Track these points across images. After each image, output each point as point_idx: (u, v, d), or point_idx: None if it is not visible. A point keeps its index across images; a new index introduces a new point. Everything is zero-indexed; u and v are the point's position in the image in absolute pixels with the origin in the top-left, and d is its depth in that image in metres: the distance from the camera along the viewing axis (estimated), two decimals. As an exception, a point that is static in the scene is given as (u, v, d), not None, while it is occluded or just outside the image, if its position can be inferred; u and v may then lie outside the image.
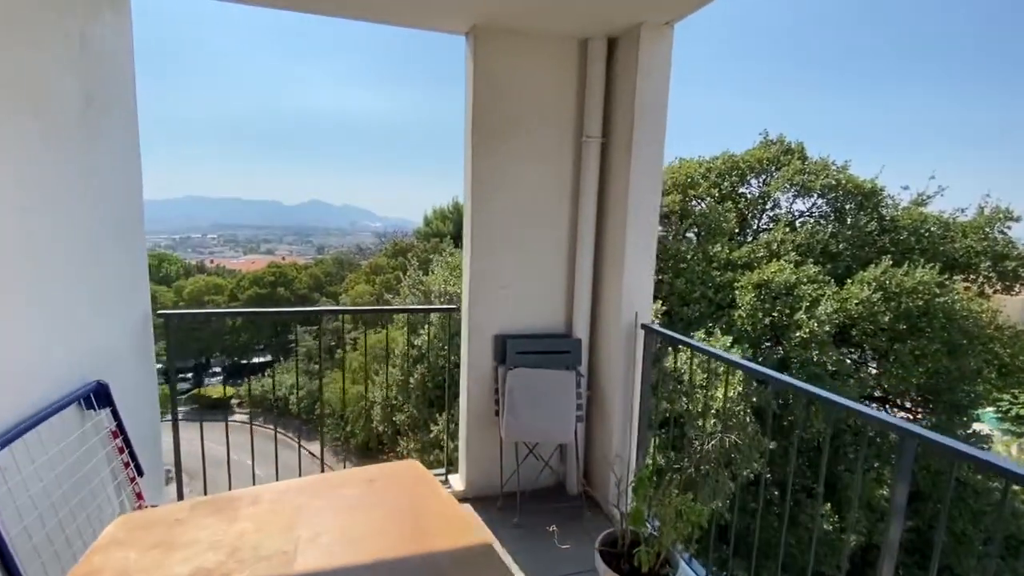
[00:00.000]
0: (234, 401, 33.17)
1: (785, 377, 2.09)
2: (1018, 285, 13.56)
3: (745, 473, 8.86)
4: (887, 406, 14.52)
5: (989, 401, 15.68)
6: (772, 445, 9.32)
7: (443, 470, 3.39)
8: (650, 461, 3.08)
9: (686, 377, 9.30)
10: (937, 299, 10.65)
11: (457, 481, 3.34)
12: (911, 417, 13.70)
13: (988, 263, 12.92)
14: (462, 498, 3.24)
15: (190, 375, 36.99)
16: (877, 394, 13.81)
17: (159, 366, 2.94)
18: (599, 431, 3.23)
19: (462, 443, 3.31)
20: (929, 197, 14.14)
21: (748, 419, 8.94)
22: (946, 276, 11.60)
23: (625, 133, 2.89)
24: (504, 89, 2.98)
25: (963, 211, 13.66)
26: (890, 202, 13.97)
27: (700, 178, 15.23)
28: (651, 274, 3.03)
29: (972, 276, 13.10)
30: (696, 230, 15.17)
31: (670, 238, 14.23)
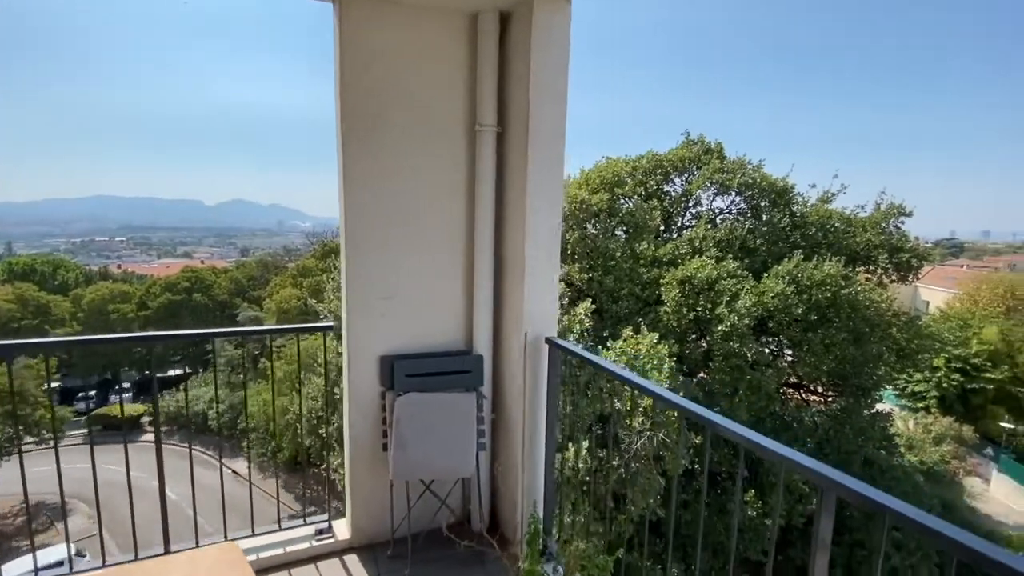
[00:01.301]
0: (145, 419, 30.21)
1: (684, 401, 1.80)
2: (911, 275, 14.84)
3: (674, 467, 8.93)
4: (802, 391, 15.46)
5: (889, 382, 17.14)
6: (698, 440, 9.47)
7: (324, 517, 2.88)
8: (546, 510, 2.75)
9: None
10: (843, 291, 11.33)
11: (342, 528, 2.86)
12: (823, 401, 14.64)
13: (885, 255, 14.01)
14: (348, 548, 2.76)
15: (92, 393, 33.24)
16: (793, 380, 14.63)
17: (55, 385, 2.22)
18: (505, 458, 2.87)
19: (347, 483, 2.83)
20: (834, 195, 15.14)
21: (674, 415, 9.01)
22: (850, 269, 12.41)
23: (522, 122, 2.54)
24: (379, 69, 2.53)
25: (863, 207, 14.73)
26: (800, 199, 14.82)
27: (627, 176, 15.43)
28: (555, 281, 2.70)
29: (872, 268, 14.16)
30: (624, 228, 15.37)
31: (599, 236, 14.29)
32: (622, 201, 15.32)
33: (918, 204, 14.74)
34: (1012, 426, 23.23)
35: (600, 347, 10.49)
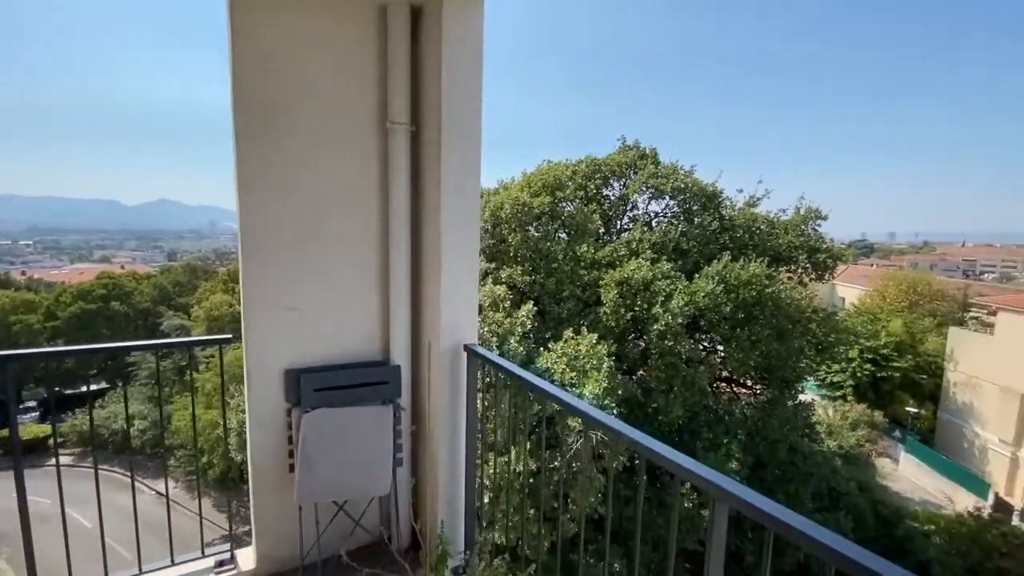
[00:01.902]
0: (60, 439, 27.36)
1: (590, 409, 1.77)
2: (828, 274, 16.02)
3: (614, 465, 9.12)
4: (733, 385, 16.28)
5: (811, 373, 18.40)
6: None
7: (226, 547, 2.64)
8: (467, 524, 2.66)
9: (555, 377, 9.33)
10: (767, 290, 12.02)
11: (248, 557, 2.63)
12: (752, 394, 15.48)
13: (805, 256, 15.03)
14: (253, 578, 2.55)
15: (-12, 415, 29.70)
16: (725, 374, 15.38)
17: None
18: (426, 472, 2.75)
19: (252, 508, 2.61)
20: (759, 199, 16.08)
21: (614, 412, 9.21)
22: (773, 269, 13.20)
23: (435, 120, 2.44)
24: (279, 61, 2.35)
25: (784, 211, 15.73)
26: (728, 204, 15.62)
27: (567, 180, 15.68)
28: (475, 286, 2.62)
29: (793, 267, 15.14)
30: (566, 230, 15.60)
31: (542, 238, 14.41)
32: (563, 204, 15.55)
33: (833, 208, 15.95)
34: (916, 410, 25.67)
35: (542, 349, 10.56)
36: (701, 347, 14.03)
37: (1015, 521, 17.18)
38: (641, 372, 13.33)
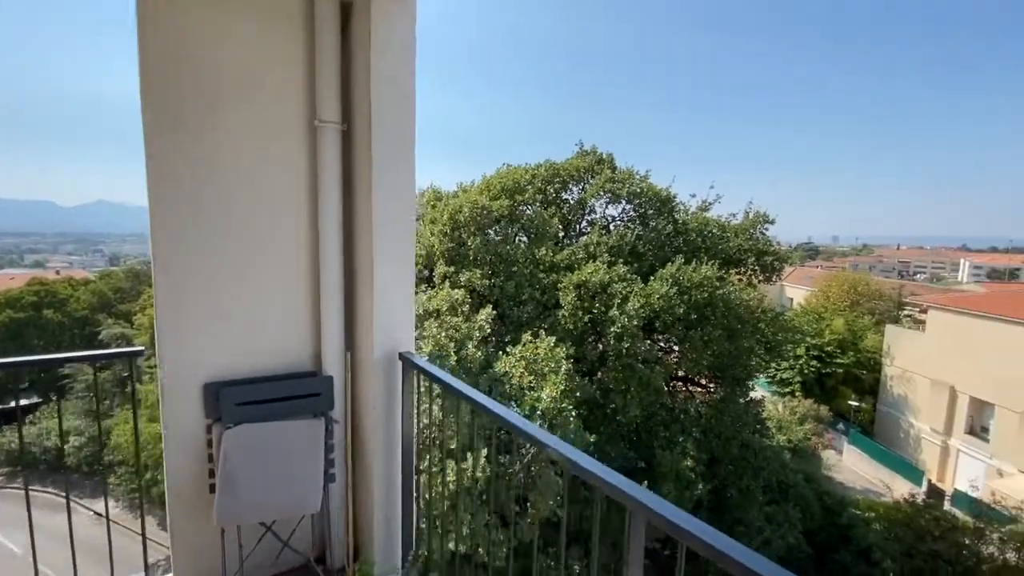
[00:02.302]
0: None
1: (523, 424, 1.72)
2: (775, 275, 16.73)
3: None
4: (688, 384, 16.74)
5: (761, 371, 19.16)
6: (593, 438, 9.80)
7: None
8: (404, 538, 2.58)
9: (514, 380, 9.31)
10: (718, 291, 12.42)
11: (165, 585, 2.45)
12: (706, 392, 15.95)
13: (753, 258, 15.64)
14: (171, 609, 2.37)
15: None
16: (681, 374, 15.79)
17: None
18: (362, 487, 2.64)
19: (170, 533, 2.43)
20: (711, 204, 16.65)
21: (572, 415, 9.27)
22: (724, 271, 13.67)
23: (365, 118, 2.35)
24: (194, 55, 2.21)
25: (734, 215, 16.33)
26: (682, 208, 16.08)
27: (527, 184, 15.75)
28: (410, 292, 2.54)
29: (743, 270, 15.72)
30: (526, 234, 15.66)
31: (501, 242, 14.39)
32: (523, 208, 15.60)
33: (780, 213, 16.68)
34: (858, 404, 27.17)
35: (501, 352, 10.52)
36: (657, 348, 14.35)
37: (946, 506, 18.37)
38: (600, 374, 13.51)
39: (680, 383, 16.66)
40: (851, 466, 24.65)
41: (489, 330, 10.70)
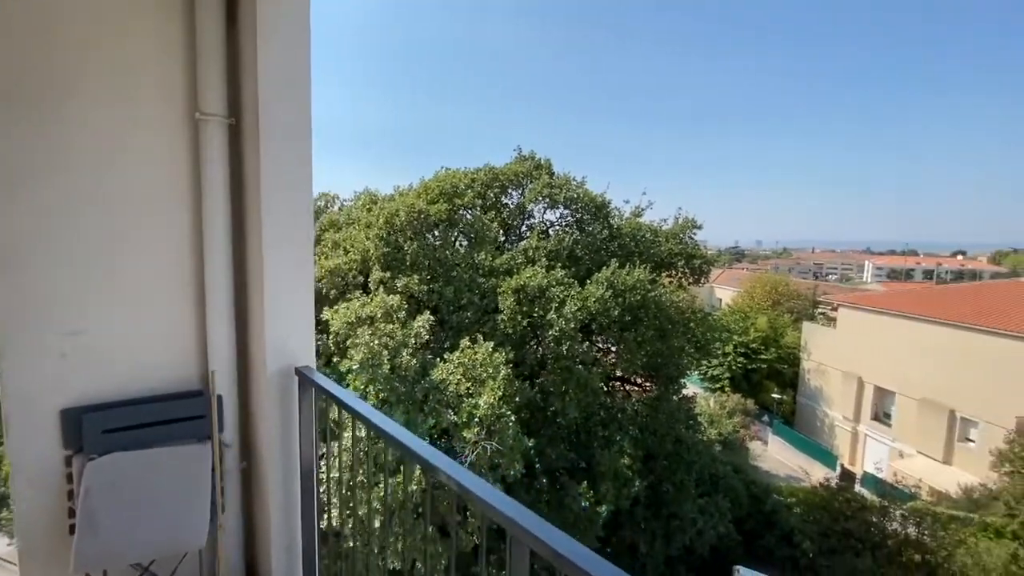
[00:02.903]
0: None
1: (417, 446, 1.60)
2: (703, 278, 17.58)
3: (511, 473, 9.08)
4: (625, 384, 17.21)
5: (693, 368, 20.07)
6: (532, 442, 9.79)
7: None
8: (305, 569, 2.39)
9: (451, 388, 9.13)
10: (650, 294, 12.85)
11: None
12: (642, 391, 16.45)
13: (683, 262, 16.36)
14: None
15: None
16: (618, 373, 16.21)
17: None
18: (259, 516, 2.41)
19: (23, 582, 2.09)
20: (643, 209, 17.25)
21: (511, 421, 9.21)
22: (656, 274, 14.18)
23: (253, 111, 2.16)
24: (54, 35, 1.93)
25: (665, 221, 17.02)
26: (616, 213, 16.56)
27: (466, 188, 15.62)
28: (309, 298, 2.36)
29: (673, 272, 16.40)
30: (465, 238, 15.52)
31: (440, 246, 14.17)
32: (462, 212, 15.46)
33: (708, 218, 17.59)
34: (780, 396, 29.15)
35: (439, 359, 10.29)
36: (595, 349, 14.64)
37: (857, 487, 20.01)
38: (540, 377, 13.58)
39: (618, 383, 17.09)
40: (775, 455, 26.34)
41: (427, 336, 10.45)
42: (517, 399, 10.75)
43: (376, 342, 8.81)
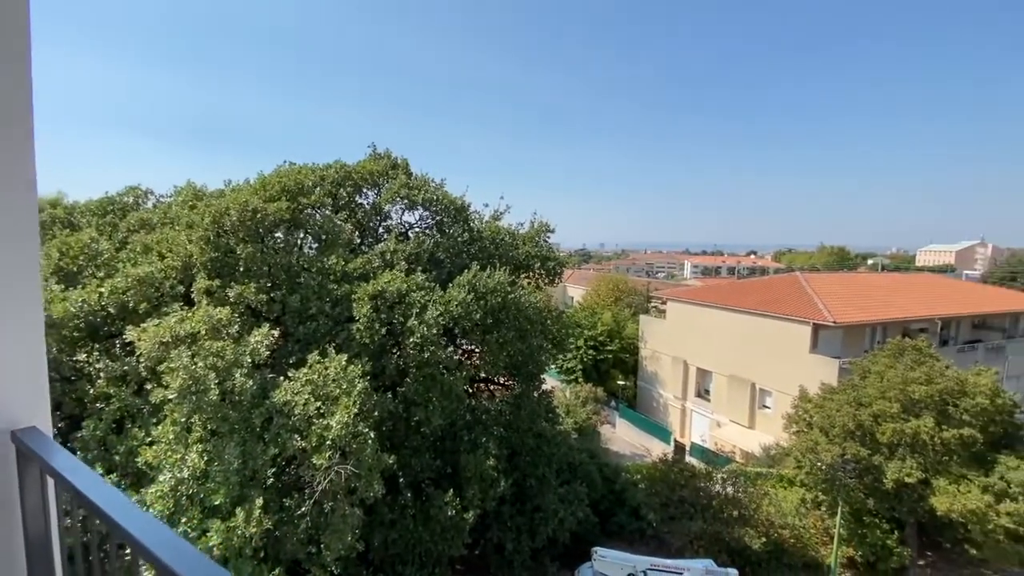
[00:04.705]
0: None
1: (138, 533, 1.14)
2: (557, 278, 18.58)
3: (370, 495, 8.41)
4: (489, 385, 17.41)
5: (551, 364, 21.14)
6: (392, 460, 9.20)
7: None
8: None
9: (297, 410, 8.11)
10: (510, 295, 13.09)
11: None
12: (506, 390, 16.77)
13: (539, 263, 17.08)
14: None
15: None
16: (482, 375, 16.29)
17: None
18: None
19: None
20: (502, 213, 17.62)
21: (370, 438, 8.52)
22: (515, 276, 14.53)
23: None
24: None
25: (522, 224, 17.61)
26: (476, 217, 16.63)
27: (313, 185, 14.24)
28: (38, 335, 1.67)
29: (531, 274, 17.03)
30: (314, 241, 14.15)
31: (283, 250, 12.66)
32: (310, 211, 14.05)
33: (560, 222, 18.62)
34: (624, 382, 32.40)
35: (282, 378, 9.11)
36: (458, 354, 14.47)
37: (688, 458, 23.02)
38: (402, 386, 12.95)
39: (482, 384, 17.20)
40: (622, 436, 29.13)
41: (267, 353, 9.18)
42: (376, 413, 10.05)
43: (200, 364, 7.40)
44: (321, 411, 8.23)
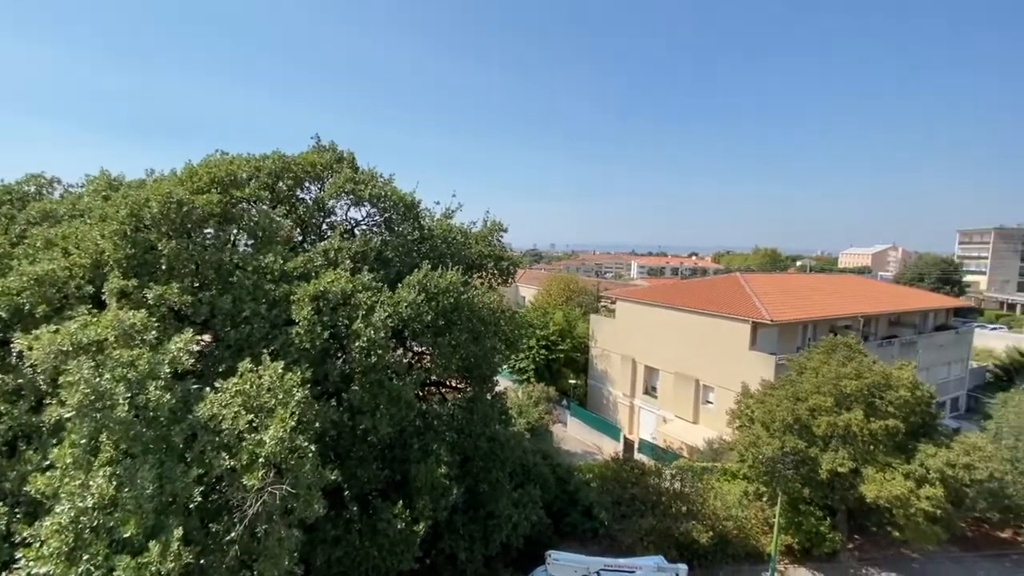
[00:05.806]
0: None
1: None
2: (511, 278, 18.27)
3: (309, 514, 7.71)
4: (441, 389, 16.84)
5: (504, 364, 20.81)
6: (334, 476, 8.50)
7: None
8: None
9: (226, 424, 7.28)
10: (463, 296, 12.62)
11: None
12: (458, 392, 16.26)
13: (492, 263, 16.71)
14: None
15: None
16: (433, 378, 15.70)
17: None
18: None
19: None
20: (454, 211, 17.09)
21: (310, 452, 7.81)
22: (468, 275, 14.07)
23: None
24: None
25: (474, 223, 17.16)
26: (427, 214, 16.02)
27: (248, 177, 13.16)
28: None
29: (484, 273, 16.62)
30: (249, 237, 13.06)
31: (212, 247, 11.57)
32: (244, 205, 12.95)
33: (511, 222, 18.31)
34: (575, 381, 32.61)
35: (209, 388, 8.20)
36: (408, 357, 13.83)
37: (637, 455, 23.39)
38: (348, 394, 12.18)
39: (433, 388, 16.60)
40: (574, 435, 29.28)
41: (191, 360, 8.24)
42: (318, 424, 9.31)
43: (107, 376, 6.46)
44: (254, 424, 7.45)
